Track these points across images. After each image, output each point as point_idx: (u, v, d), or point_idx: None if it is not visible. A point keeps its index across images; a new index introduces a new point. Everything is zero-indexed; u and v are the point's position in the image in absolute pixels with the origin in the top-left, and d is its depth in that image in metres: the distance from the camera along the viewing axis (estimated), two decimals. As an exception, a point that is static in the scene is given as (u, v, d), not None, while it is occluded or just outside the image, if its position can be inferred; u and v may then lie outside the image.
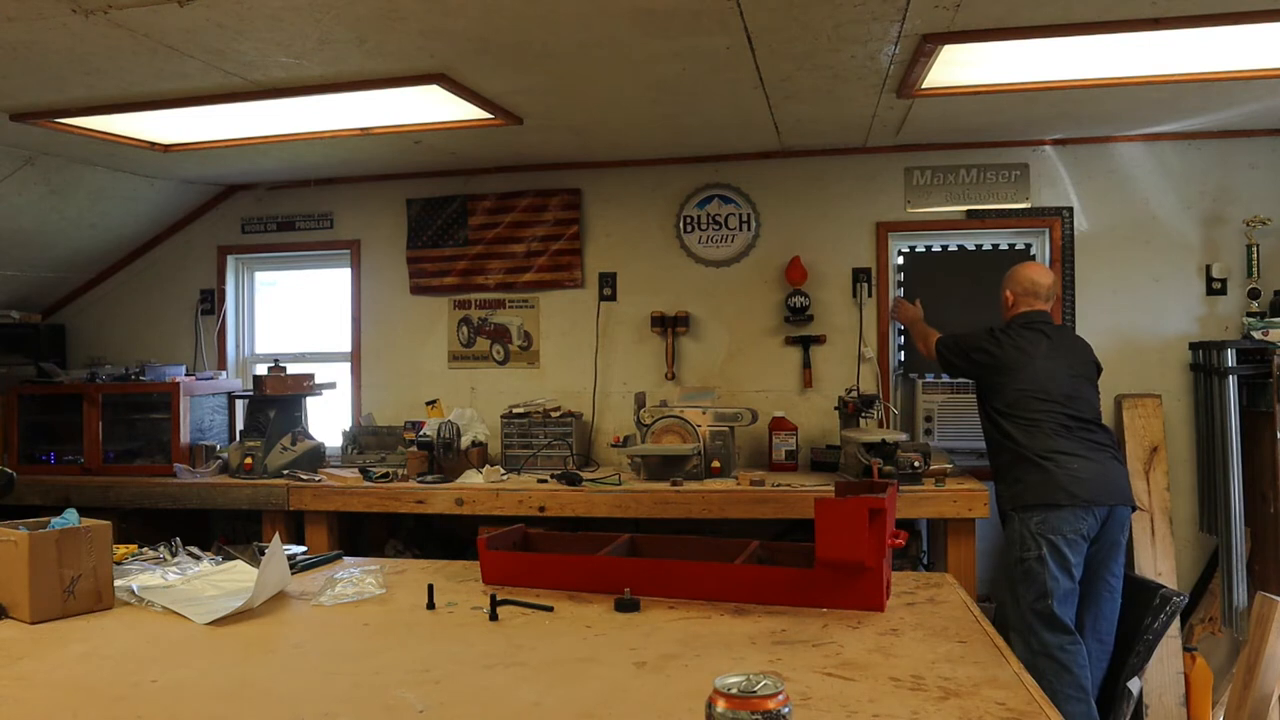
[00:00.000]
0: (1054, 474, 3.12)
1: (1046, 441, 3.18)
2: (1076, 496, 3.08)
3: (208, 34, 2.61)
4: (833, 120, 3.84)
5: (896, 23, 2.63)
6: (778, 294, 4.47)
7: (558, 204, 4.67)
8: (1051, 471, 3.12)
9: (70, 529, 2.04)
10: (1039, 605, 3.05)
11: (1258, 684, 3.00)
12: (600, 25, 2.65)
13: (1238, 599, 3.80)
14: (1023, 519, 3.14)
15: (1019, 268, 3.54)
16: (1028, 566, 3.09)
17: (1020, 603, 3.12)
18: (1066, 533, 3.06)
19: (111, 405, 4.47)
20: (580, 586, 2.13)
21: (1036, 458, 3.16)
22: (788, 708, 1.10)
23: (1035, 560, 3.07)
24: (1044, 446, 3.17)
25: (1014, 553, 3.15)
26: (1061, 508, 3.07)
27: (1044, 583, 3.04)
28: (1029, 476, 3.17)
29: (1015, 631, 3.13)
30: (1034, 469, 3.16)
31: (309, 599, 2.14)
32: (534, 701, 1.48)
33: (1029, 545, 3.09)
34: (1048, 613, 3.03)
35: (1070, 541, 3.06)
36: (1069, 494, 3.08)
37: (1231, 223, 4.11)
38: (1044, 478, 3.12)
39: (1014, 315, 3.46)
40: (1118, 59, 3.00)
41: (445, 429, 4.14)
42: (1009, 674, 1.54)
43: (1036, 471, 3.15)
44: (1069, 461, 3.14)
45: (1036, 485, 3.14)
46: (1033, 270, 3.51)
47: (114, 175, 4.35)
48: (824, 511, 1.95)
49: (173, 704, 1.50)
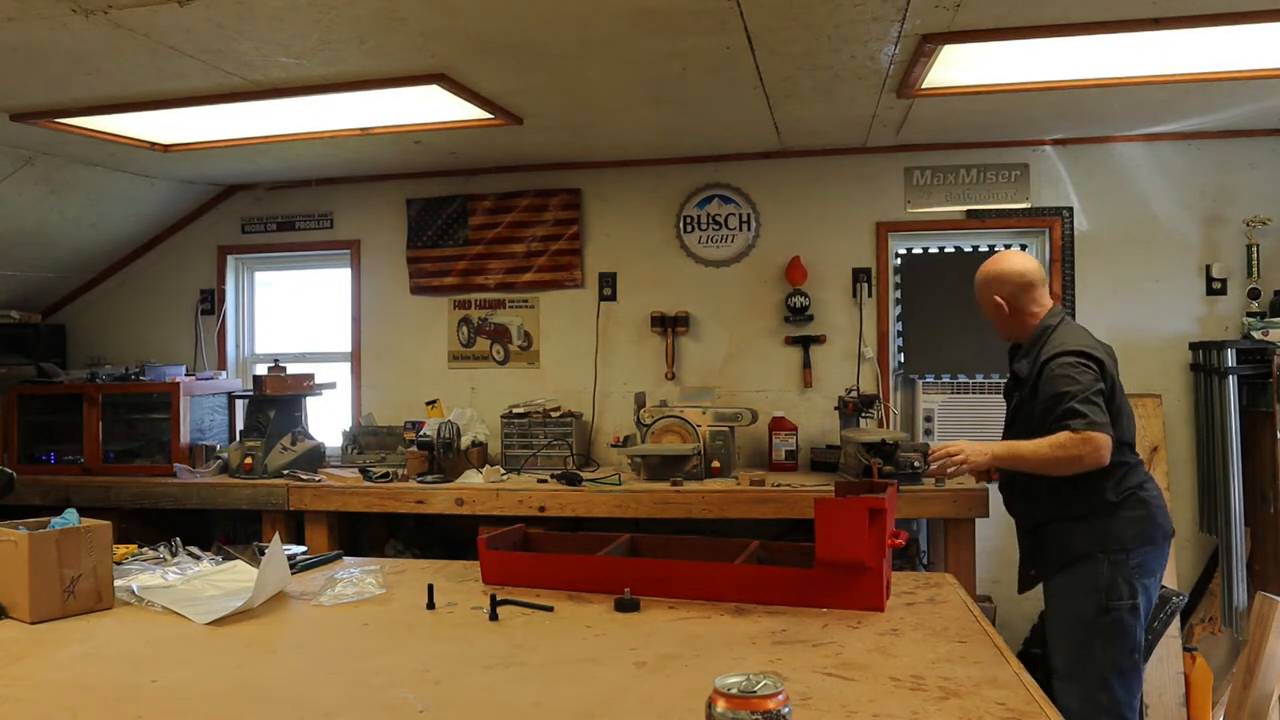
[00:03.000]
0: (1152, 507, 2.63)
1: (1141, 469, 2.68)
2: (1168, 531, 2.65)
3: (208, 34, 2.60)
4: (833, 120, 3.83)
5: (896, 23, 2.63)
6: (778, 294, 4.47)
7: (558, 204, 4.67)
8: (1150, 504, 2.63)
9: (70, 529, 2.04)
10: (1125, 662, 2.56)
11: (1258, 684, 3.00)
12: (600, 25, 2.65)
13: (1238, 599, 3.80)
14: (1115, 562, 2.56)
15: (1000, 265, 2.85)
16: (1118, 617, 2.54)
17: (1098, 658, 2.58)
18: (1158, 573, 2.63)
19: (111, 405, 4.47)
20: (580, 586, 2.13)
21: (1138, 489, 2.63)
22: (788, 708, 1.10)
23: (1129, 611, 2.55)
24: (1141, 475, 2.67)
25: (1098, 602, 2.55)
26: (1158, 545, 2.62)
27: (1135, 636, 2.55)
28: (1130, 512, 2.61)
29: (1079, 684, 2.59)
30: (1136, 504, 2.62)
31: (309, 599, 2.14)
32: (534, 701, 1.48)
33: (1122, 593, 2.55)
34: (1133, 669, 2.58)
35: (1158, 583, 2.64)
36: (1164, 529, 2.64)
37: (1231, 223, 4.11)
38: (1145, 513, 2.61)
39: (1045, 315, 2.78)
40: (1118, 59, 3.00)
41: (445, 429, 4.14)
42: (1009, 674, 1.54)
43: (1139, 506, 2.62)
44: (1153, 488, 2.68)
45: (1137, 522, 2.60)
46: (1016, 259, 2.86)
47: (114, 175, 4.35)
48: (824, 511, 1.95)
49: (173, 704, 1.50)
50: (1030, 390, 2.68)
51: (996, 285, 2.84)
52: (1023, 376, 2.73)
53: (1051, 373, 2.60)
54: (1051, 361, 2.62)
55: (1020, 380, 2.76)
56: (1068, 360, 2.60)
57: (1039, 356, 2.68)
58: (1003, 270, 2.83)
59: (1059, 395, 2.55)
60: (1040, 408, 2.61)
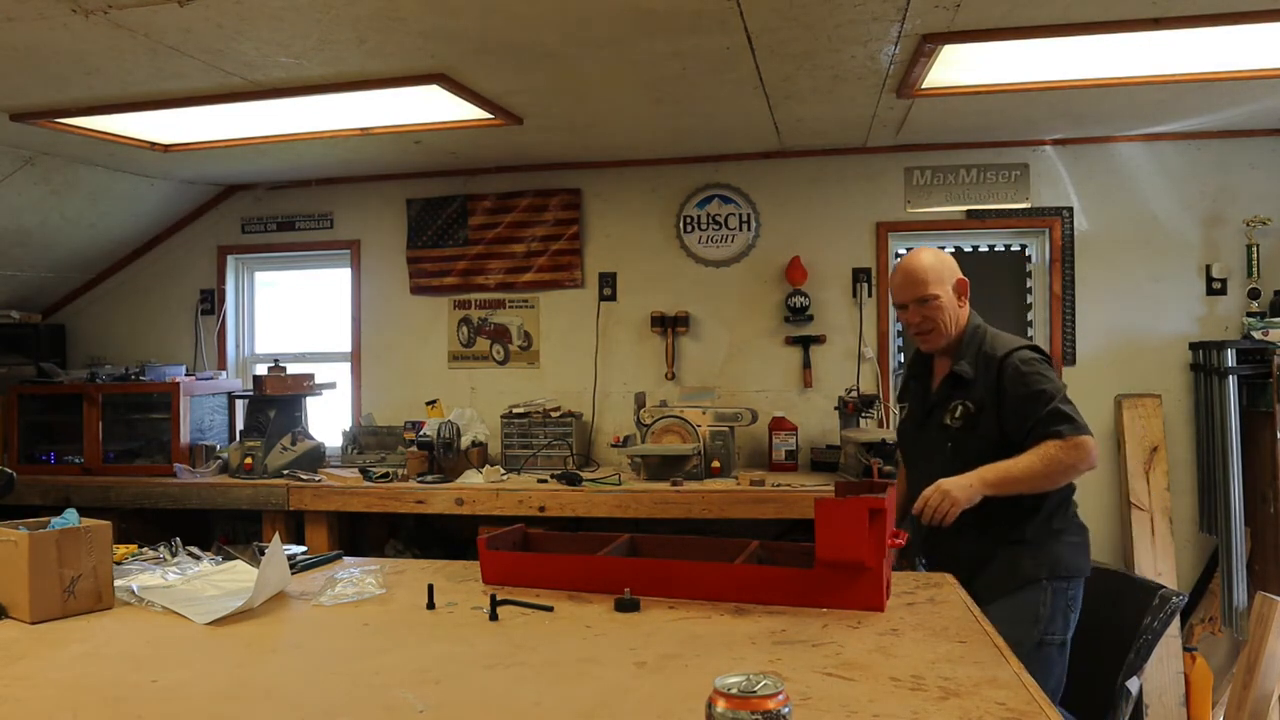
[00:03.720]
0: (1086, 536, 2.48)
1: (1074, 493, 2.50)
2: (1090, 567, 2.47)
3: (208, 34, 2.60)
4: (833, 120, 3.83)
5: (896, 23, 2.63)
6: (778, 294, 4.47)
7: (558, 204, 4.67)
8: (1086, 533, 2.48)
9: (70, 529, 2.04)
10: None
11: (1258, 684, 3.00)
12: (600, 25, 2.65)
13: (1238, 599, 3.80)
14: (1057, 590, 2.36)
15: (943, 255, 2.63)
16: (1049, 653, 2.33)
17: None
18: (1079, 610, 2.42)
19: (111, 405, 4.47)
20: (580, 586, 2.13)
21: (1076, 514, 2.49)
22: (788, 708, 1.10)
23: (1058, 648, 2.35)
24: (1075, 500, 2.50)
25: (1035, 633, 2.32)
26: (1086, 578, 2.43)
27: (1059, 675, 2.35)
28: (1073, 539, 2.44)
29: None
30: (1077, 530, 2.46)
31: (309, 599, 2.14)
32: (534, 701, 1.48)
33: (1056, 626, 2.35)
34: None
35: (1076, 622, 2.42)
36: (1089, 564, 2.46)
37: (1231, 223, 4.11)
38: (1083, 540, 2.46)
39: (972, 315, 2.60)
40: (1118, 59, 3.00)
41: (445, 429, 4.14)
42: (1009, 674, 1.54)
43: (1079, 533, 2.46)
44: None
45: (1078, 549, 2.44)
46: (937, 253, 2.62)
47: (114, 175, 4.35)
48: (824, 511, 1.95)
49: (173, 704, 1.50)
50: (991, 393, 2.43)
51: (950, 272, 2.57)
52: (969, 379, 2.47)
53: (1017, 370, 2.39)
54: (1012, 358, 2.41)
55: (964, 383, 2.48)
56: (1033, 356, 2.42)
57: (986, 355, 2.46)
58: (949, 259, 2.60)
59: (1036, 395, 2.35)
60: (1010, 409, 2.38)
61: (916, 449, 2.68)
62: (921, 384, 2.67)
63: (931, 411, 2.58)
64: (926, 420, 2.60)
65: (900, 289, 2.60)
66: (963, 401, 2.48)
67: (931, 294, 2.53)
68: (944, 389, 2.55)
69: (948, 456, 2.46)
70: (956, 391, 2.51)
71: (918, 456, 2.66)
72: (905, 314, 2.62)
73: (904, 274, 2.59)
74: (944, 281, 2.55)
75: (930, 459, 2.53)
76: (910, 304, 2.57)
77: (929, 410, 2.60)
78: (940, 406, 2.55)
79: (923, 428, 2.61)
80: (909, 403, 2.72)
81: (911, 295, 2.56)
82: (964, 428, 2.47)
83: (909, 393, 2.74)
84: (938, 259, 2.59)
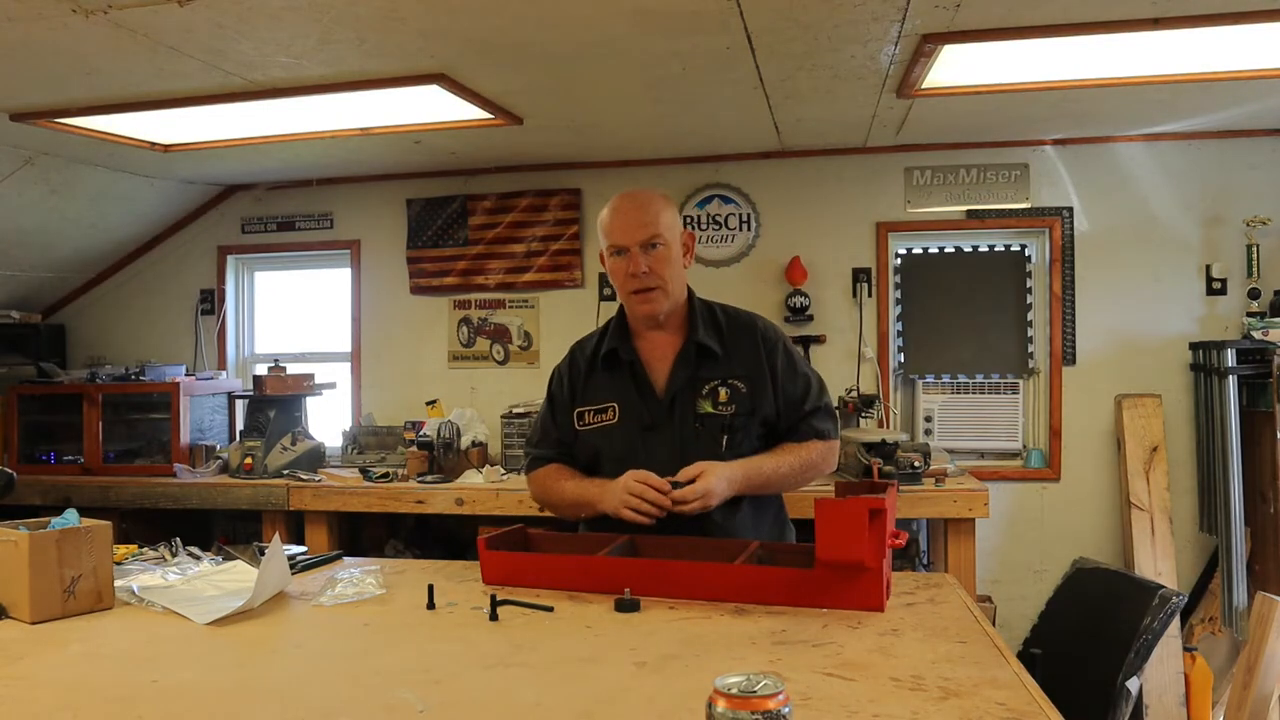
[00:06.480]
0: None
1: None
2: None
3: (208, 34, 2.60)
4: (833, 120, 3.83)
5: (896, 23, 2.63)
6: (778, 294, 4.47)
7: (558, 204, 4.67)
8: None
9: (70, 529, 2.03)
10: None
11: (1258, 684, 3.00)
12: (600, 25, 2.65)
13: (1238, 599, 3.80)
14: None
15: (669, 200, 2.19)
16: None
17: None
18: None
19: (111, 405, 4.47)
20: (580, 586, 2.13)
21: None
22: (788, 708, 1.10)
23: None
24: None
25: None
26: None
27: None
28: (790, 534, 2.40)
29: None
30: (790, 531, 2.46)
31: (309, 599, 2.14)
32: (534, 701, 1.48)
33: None
34: None
35: None
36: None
37: (1231, 223, 4.11)
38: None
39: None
40: (1118, 59, 3.00)
41: (445, 429, 4.14)
42: (1009, 674, 1.54)
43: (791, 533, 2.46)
44: None
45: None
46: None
47: (114, 175, 4.35)
48: (824, 511, 1.94)
49: (173, 704, 1.50)
50: (758, 368, 2.07)
51: (679, 220, 2.15)
52: (718, 354, 2.12)
53: (786, 348, 2.10)
54: (769, 329, 2.10)
55: (712, 359, 2.11)
56: (782, 333, 2.12)
57: (736, 323, 2.14)
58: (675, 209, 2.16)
59: (805, 383, 2.07)
60: (778, 393, 2.06)
61: (647, 455, 2.11)
62: (626, 374, 2.17)
63: (673, 402, 2.12)
64: (667, 414, 2.12)
65: (623, 227, 2.04)
66: (724, 381, 2.08)
67: (664, 237, 2.04)
68: (683, 369, 2.12)
69: (720, 453, 2.08)
70: (704, 371, 2.10)
71: (650, 465, 2.09)
72: (622, 261, 2.06)
73: (630, 206, 2.06)
74: (675, 227, 2.09)
75: (684, 461, 2.06)
76: (633, 247, 2.04)
77: (668, 401, 2.12)
78: (687, 392, 2.11)
79: (656, 428, 2.13)
80: (614, 401, 2.18)
81: (639, 236, 2.03)
82: (738, 412, 2.08)
83: (602, 389, 2.21)
84: (669, 201, 2.15)
